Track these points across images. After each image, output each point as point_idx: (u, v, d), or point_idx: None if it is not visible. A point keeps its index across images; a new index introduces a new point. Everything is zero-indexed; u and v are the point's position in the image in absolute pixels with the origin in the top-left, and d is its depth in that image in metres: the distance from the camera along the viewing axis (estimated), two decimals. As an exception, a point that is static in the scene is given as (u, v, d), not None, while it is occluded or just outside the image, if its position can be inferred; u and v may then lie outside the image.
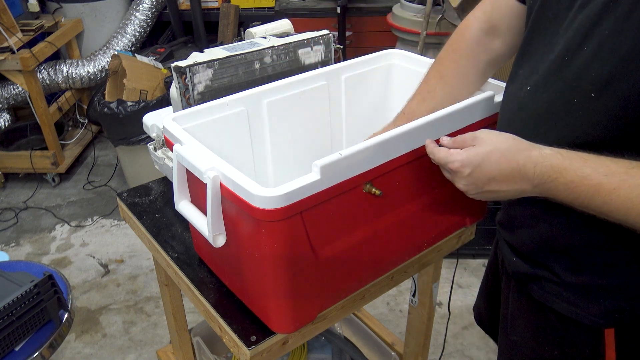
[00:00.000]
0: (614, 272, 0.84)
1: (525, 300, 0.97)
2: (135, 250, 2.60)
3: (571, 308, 0.88)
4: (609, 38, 0.71)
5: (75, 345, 2.14)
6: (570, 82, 0.77)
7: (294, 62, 1.31)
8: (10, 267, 1.48)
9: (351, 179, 0.87)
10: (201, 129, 1.03)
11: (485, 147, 0.80)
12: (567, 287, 0.88)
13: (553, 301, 0.90)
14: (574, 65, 0.76)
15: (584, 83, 0.75)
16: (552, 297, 0.90)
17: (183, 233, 1.23)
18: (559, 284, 0.89)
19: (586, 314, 0.87)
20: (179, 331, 1.56)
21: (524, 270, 0.94)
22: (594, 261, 0.84)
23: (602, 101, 0.73)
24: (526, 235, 0.92)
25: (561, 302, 0.89)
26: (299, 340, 1.02)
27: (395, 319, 2.21)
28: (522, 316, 0.99)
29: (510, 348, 1.03)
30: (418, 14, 2.49)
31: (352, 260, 0.98)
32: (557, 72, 0.79)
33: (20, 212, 2.90)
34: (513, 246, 0.97)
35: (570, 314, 0.88)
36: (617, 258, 0.83)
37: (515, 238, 0.96)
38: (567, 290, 0.88)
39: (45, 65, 3.09)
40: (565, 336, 0.91)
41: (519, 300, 0.99)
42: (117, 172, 3.17)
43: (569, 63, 0.77)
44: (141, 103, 2.55)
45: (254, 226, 0.85)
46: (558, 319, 0.91)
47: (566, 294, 0.88)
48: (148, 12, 3.37)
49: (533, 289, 0.93)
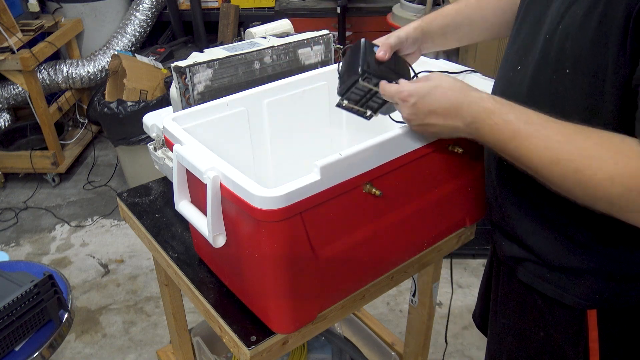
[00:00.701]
0: (593, 253, 0.87)
1: (513, 284, 1.00)
2: (135, 250, 2.60)
3: (555, 289, 0.91)
4: (581, 18, 0.75)
5: (75, 345, 2.14)
6: (550, 59, 0.81)
7: (294, 62, 1.31)
8: (10, 267, 1.49)
9: (351, 180, 0.87)
10: (201, 129, 1.03)
11: (433, 82, 0.87)
12: (552, 269, 0.91)
13: (538, 283, 0.93)
14: (554, 43, 0.80)
15: (561, 60, 0.79)
16: (537, 279, 0.94)
17: (183, 233, 1.23)
18: (543, 266, 0.92)
19: (569, 295, 0.90)
20: (179, 331, 1.56)
21: (512, 254, 0.97)
22: (575, 239, 0.87)
23: (575, 77, 0.77)
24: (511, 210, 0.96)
25: (546, 283, 0.92)
26: (299, 340, 1.02)
27: (395, 319, 2.21)
28: (510, 300, 1.02)
29: (499, 332, 1.07)
30: (418, 14, 2.49)
31: (352, 260, 0.98)
32: (542, 50, 0.83)
33: (20, 212, 2.90)
34: (503, 230, 1.00)
35: (554, 295, 0.92)
36: (595, 238, 0.86)
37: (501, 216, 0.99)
38: (551, 272, 0.91)
39: (45, 65, 3.09)
40: (551, 318, 0.94)
41: (508, 285, 1.02)
42: (117, 172, 3.17)
43: (549, 42, 0.81)
44: (141, 103, 2.55)
45: (254, 226, 0.85)
46: (544, 301, 0.94)
47: (550, 275, 0.92)
48: (148, 12, 3.37)
49: (520, 271, 0.96)
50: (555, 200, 0.83)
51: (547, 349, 0.97)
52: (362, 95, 0.94)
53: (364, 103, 0.95)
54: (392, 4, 2.75)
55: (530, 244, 0.93)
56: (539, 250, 0.92)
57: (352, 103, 0.96)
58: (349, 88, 0.94)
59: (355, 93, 0.94)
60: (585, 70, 0.76)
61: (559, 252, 0.90)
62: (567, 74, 0.78)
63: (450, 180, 1.08)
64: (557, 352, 0.96)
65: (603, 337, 0.91)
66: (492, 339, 1.12)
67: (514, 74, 0.89)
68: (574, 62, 0.77)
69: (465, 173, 1.10)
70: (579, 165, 0.71)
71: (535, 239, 0.92)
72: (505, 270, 1.03)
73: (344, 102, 0.97)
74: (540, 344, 0.98)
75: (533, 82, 0.85)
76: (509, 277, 1.02)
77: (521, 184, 0.90)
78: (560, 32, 0.79)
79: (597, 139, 0.71)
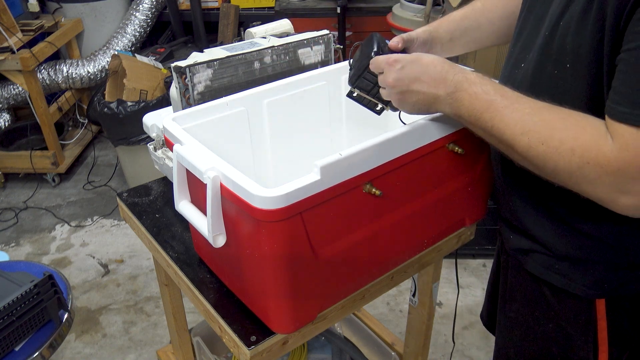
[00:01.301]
0: (598, 243, 0.88)
1: (521, 276, 1.01)
2: (135, 250, 2.60)
3: (563, 279, 0.93)
4: (579, 14, 0.77)
5: (75, 345, 2.14)
6: (551, 55, 0.83)
7: (294, 62, 1.31)
8: (10, 267, 1.49)
9: (351, 179, 0.87)
10: (201, 129, 1.03)
11: (420, 53, 0.90)
12: (560, 259, 0.92)
13: (547, 274, 0.95)
14: (555, 40, 0.83)
15: (561, 55, 0.81)
16: (545, 269, 0.95)
17: (183, 233, 1.23)
18: (551, 256, 0.93)
19: (577, 285, 0.91)
20: (179, 331, 1.56)
21: (520, 246, 0.99)
22: (579, 229, 0.89)
23: (575, 71, 0.80)
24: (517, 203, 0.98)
25: (554, 274, 0.94)
26: (299, 340, 1.02)
27: (395, 319, 2.21)
28: (518, 293, 1.03)
29: (507, 325, 1.08)
30: (418, 14, 2.48)
31: (352, 260, 0.98)
32: (543, 47, 0.85)
33: (20, 212, 2.90)
34: (509, 222, 1.02)
35: (563, 285, 0.93)
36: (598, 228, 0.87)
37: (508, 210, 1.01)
38: (559, 262, 0.93)
39: (45, 65, 3.09)
40: (559, 309, 0.96)
41: (516, 277, 1.03)
42: (117, 172, 3.17)
43: (550, 38, 0.83)
44: (141, 103, 2.55)
45: (254, 226, 0.85)
46: (552, 292, 0.95)
47: (558, 265, 0.93)
48: (148, 12, 3.37)
49: (528, 262, 0.98)
50: (558, 191, 0.85)
51: (556, 339, 0.98)
52: (372, 84, 0.95)
53: (375, 93, 0.96)
54: (392, 4, 2.75)
55: (537, 235, 0.95)
56: (546, 242, 0.93)
57: (364, 93, 0.97)
58: (360, 75, 0.94)
59: (365, 80, 0.95)
60: (585, 65, 0.78)
61: (565, 243, 0.91)
62: (568, 68, 0.81)
63: (450, 180, 1.08)
64: (566, 343, 0.97)
65: (612, 326, 0.92)
66: (500, 334, 1.13)
67: (517, 71, 0.91)
68: (574, 57, 0.79)
69: (465, 173, 1.10)
70: (544, 136, 0.75)
71: (542, 230, 0.94)
72: (512, 264, 1.04)
73: (355, 91, 0.97)
74: (548, 335, 0.99)
75: (534, 78, 0.87)
76: (516, 271, 1.03)
77: (525, 177, 0.91)
78: (561, 28, 0.81)
79: (563, 114, 0.76)
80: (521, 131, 0.77)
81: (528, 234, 0.97)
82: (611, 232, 0.87)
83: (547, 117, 0.76)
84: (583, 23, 0.77)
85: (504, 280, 1.09)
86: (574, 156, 0.72)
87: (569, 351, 0.97)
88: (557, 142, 0.74)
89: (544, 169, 0.77)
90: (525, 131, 0.76)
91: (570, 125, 0.74)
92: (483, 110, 0.81)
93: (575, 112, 0.75)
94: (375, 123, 1.20)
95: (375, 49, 0.93)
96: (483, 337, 2.10)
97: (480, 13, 1.08)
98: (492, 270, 1.22)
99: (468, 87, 0.83)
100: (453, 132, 1.00)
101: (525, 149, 0.77)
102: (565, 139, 0.73)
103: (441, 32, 1.07)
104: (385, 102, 0.97)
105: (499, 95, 0.80)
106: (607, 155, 0.70)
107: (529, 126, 0.76)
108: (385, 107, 0.98)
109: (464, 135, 1.01)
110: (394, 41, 0.97)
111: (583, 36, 0.77)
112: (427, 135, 0.97)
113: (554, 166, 0.75)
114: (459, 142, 1.02)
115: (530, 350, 1.03)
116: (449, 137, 1.00)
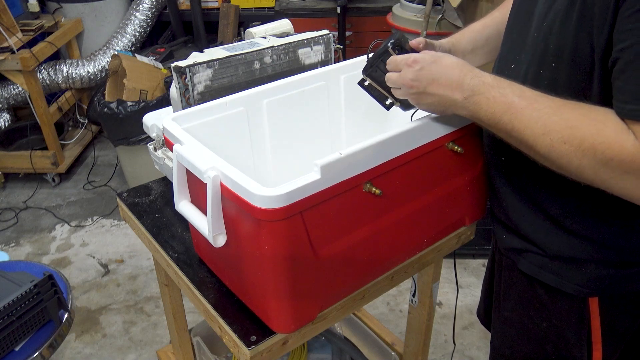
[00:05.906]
0: (590, 242, 0.89)
1: (515, 276, 1.02)
2: (135, 250, 2.60)
3: (556, 278, 0.94)
4: (562, 14, 0.79)
5: (75, 345, 2.14)
6: (537, 55, 0.84)
7: (294, 62, 1.31)
8: (10, 267, 1.49)
9: (351, 179, 0.88)
10: (201, 129, 1.03)
11: (439, 54, 0.90)
12: (553, 259, 0.93)
13: (540, 273, 0.96)
14: (539, 40, 0.84)
15: (546, 54, 0.82)
16: (538, 269, 0.96)
17: (183, 233, 1.23)
18: (544, 256, 0.94)
19: (570, 284, 0.92)
20: (179, 331, 1.56)
21: (513, 245, 1.00)
22: (571, 229, 0.90)
23: (559, 69, 0.81)
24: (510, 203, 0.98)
25: (547, 273, 0.94)
26: (299, 340, 1.02)
27: (395, 319, 2.21)
28: (512, 292, 1.04)
29: (502, 325, 1.09)
30: (418, 14, 2.48)
31: (352, 260, 0.98)
32: (531, 47, 0.86)
33: (20, 212, 2.90)
34: (503, 222, 1.02)
35: (555, 284, 0.94)
36: (590, 227, 0.88)
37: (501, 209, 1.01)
38: (552, 261, 0.93)
39: (45, 65, 3.09)
40: (553, 308, 0.96)
41: (510, 277, 1.04)
42: (117, 172, 3.17)
43: (536, 39, 0.85)
44: (141, 103, 2.55)
45: (254, 226, 0.85)
46: (546, 291, 0.96)
47: (551, 265, 0.94)
48: (148, 12, 3.37)
49: (522, 262, 0.98)
50: (550, 191, 0.86)
51: (550, 338, 0.99)
52: (384, 75, 0.94)
53: (386, 86, 0.95)
54: (392, 4, 2.75)
55: (530, 234, 0.95)
56: (539, 241, 0.94)
57: (375, 83, 0.96)
58: (374, 64, 0.94)
59: (379, 70, 0.94)
60: (569, 62, 0.79)
61: (557, 242, 0.92)
62: (553, 67, 0.82)
63: (450, 180, 1.08)
64: (560, 341, 0.98)
65: (605, 325, 0.93)
66: (496, 333, 1.14)
67: (508, 72, 0.92)
68: (557, 55, 0.80)
69: (465, 172, 1.10)
70: (565, 135, 0.74)
71: (534, 229, 0.94)
72: (506, 264, 1.05)
73: (367, 80, 0.97)
74: (543, 334, 0.99)
75: (525, 78, 0.87)
76: (510, 270, 1.03)
77: (518, 176, 0.92)
78: (544, 28, 0.82)
79: (583, 111, 0.75)
80: (542, 131, 0.76)
81: (521, 233, 0.97)
82: (603, 232, 0.87)
83: (567, 116, 0.75)
84: (566, 21, 0.78)
85: (498, 280, 1.10)
86: (597, 153, 0.71)
87: (563, 350, 0.98)
88: (578, 141, 0.73)
89: (569, 168, 0.75)
90: (546, 131, 0.75)
91: (591, 121, 0.73)
92: (502, 112, 0.80)
93: (595, 107, 0.74)
94: (374, 123, 1.20)
95: (393, 40, 0.92)
96: (483, 337, 2.10)
97: (500, 21, 1.07)
98: (488, 268, 1.23)
99: (485, 91, 0.82)
100: (453, 131, 1.00)
101: (548, 149, 0.76)
102: (587, 137, 0.72)
103: (463, 43, 1.08)
104: (395, 99, 0.97)
105: (517, 97, 0.79)
106: (631, 150, 0.69)
107: (549, 126, 0.75)
108: (395, 103, 0.98)
109: (464, 134, 1.01)
110: (416, 40, 0.97)
111: (567, 34, 0.78)
112: (426, 135, 0.97)
113: (578, 165, 0.74)
114: (458, 141, 1.02)
115: (525, 350, 1.04)
116: (448, 136, 1.00)
